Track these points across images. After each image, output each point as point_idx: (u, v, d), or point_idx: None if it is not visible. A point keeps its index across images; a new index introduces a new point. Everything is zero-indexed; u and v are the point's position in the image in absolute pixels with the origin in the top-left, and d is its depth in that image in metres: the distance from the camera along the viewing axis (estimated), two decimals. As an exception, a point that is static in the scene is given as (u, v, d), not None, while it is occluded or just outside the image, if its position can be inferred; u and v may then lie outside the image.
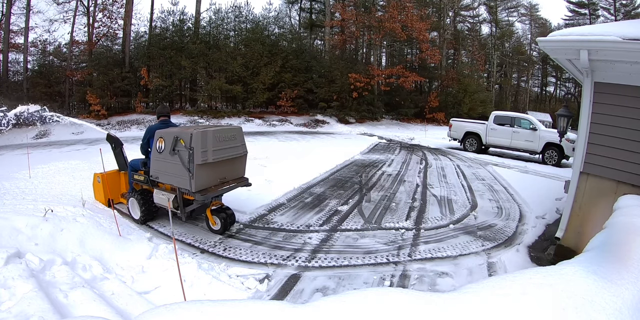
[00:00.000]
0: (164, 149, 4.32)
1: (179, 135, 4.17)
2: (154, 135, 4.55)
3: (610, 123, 3.80)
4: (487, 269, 4.12)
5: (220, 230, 4.82)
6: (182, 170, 4.17)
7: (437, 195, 7.00)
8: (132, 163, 5.24)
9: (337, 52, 24.56)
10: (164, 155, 4.33)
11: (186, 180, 4.19)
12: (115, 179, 5.57)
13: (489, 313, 1.48)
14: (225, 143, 4.41)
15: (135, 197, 5.01)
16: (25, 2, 18.20)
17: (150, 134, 4.74)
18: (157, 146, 4.40)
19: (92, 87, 17.86)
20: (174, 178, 4.34)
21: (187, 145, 4.07)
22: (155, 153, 4.47)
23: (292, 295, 3.52)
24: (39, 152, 10.71)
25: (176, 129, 4.64)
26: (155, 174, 4.56)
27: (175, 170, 4.26)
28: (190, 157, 4.07)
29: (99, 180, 5.44)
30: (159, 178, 4.54)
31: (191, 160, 4.07)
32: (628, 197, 2.96)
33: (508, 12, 35.03)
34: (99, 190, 5.55)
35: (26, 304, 2.78)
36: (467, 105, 24.41)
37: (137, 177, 5.02)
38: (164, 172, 4.43)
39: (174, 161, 4.23)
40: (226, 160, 4.46)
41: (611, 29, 3.53)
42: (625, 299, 1.55)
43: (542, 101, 38.28)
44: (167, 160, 4.32)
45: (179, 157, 4.16)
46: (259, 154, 10.40)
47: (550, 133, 11.23)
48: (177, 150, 4.18)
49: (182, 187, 4.32)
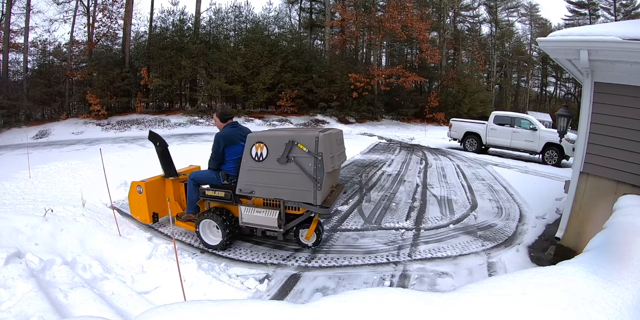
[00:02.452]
0: (267, 156, 3.65)
1: (295, 138, 3.55)
2: (234, 141, 4.01)
3: (610, 123, 3.79)
4: (487, 269, 4.12)
5: (314, 244, 4.37)
6: (302, 180, 3.58)
7: (437, 195, 7.00)
8: (197, 176, 4.27)
9: (337, 52, 24.58)
10: (267, 164, 3.66)
11: (307, 192, 3.60)
12: (159, 187, 4.62)
13: (489, 313, 1.48)
14: (337, 147, 3.97)
15: (214, 219, 4.10)
16: (25, 2, 18.21)
17: (227, 141, 4.02)
18: (254, 153, 3.71)
19: (92, 87, 17.88)
20: (283, 191, 3.70)
21: (311, 150, 3.49)
22: (249, 162, 3.75)
23: (292, 295, 3.52)
24: (39, 152, 10.71)
25: (285, 131, 4.00)
26: (247, 187, 3.80)
27: (288, 182, 3.64)
28: (319, 164, 3.50)
29: (141, 191, 4.43)
30: (255, 192, 3.79)
31: (319, 169, 3.50)
32: (628, 197, 2.96)
33: (508, 12, 35.07)
34: (139, 203, 4.54)
35: (26, 304, 2.78)
36: (467, 105, 24.42)
37: (212, 193, 4.11)
38: (264, 184, 3.74)
39: (286, 170, 3.61)
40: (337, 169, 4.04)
41: (611, 29, 3.53)
42: (626, 299, 1.55)
43: (542, 101, 38.30)
44: (271, 170, 3.66)
45: (296, 164, 3.55)
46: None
47: (550, 133, 11.23)
48: (294, 157, 3.56)
49: (297, 200, 3.71)
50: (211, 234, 4.31)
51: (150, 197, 4.46)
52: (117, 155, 9.71)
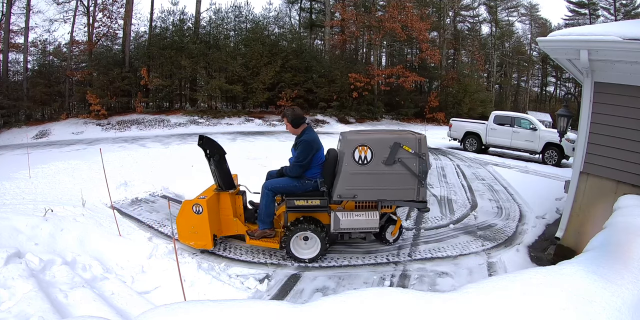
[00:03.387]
0: (372, 159, 3.73)
1: (400, 141, 3.70)
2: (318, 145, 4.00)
3: (610, 123, 3.79)
4: (487, 268, 4.12)
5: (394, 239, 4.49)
6: (407, 180, 3.73)
7: (437, 195, 7.00)
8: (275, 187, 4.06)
9: (337, 52, 24.56)
10: (371, 167, 3.73)
11: (411, 191, 3.77)
12: (215, 204, 4.13)
13: (489, 313, 1.48)
14: None
15: (312, 230, 3.93)
16: (25, 2, 18.20)
17: (317, 146, 3.99)
18: (358, 157, 3.73)
19: (92, 87, 17.86)
20: (387, 192, 3.82)
21: (416, 151, 3.68)
22: (352, 166, 3.75)
23: (292, 295, 3.52)
24: (39, 152, 10.71)
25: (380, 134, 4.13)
26: (348, 192, 3.81)
27: (392, 182, 3.76)
28: (423, 163, 3.70)
29: (200, 211, 3.83)
30: (358, 196, 3.83)
31: (423, 167, 3.71)
32: (628, 197, 2.96)
33: (508, 12, 35.03)
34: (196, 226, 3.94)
35: (26, 304, 2.78)
36: (467, 105, 24.39)
37: (305, 203, 3.94)
38: (367, 187, 3.80)
39: (391, 171, 3.73)
40: None
41: (611, 29, 3.53)
42: (625, 299, 1.55)
43: (542, 101, 38.28)
44: (376, 172, 3.74)
45: (403, 165, 3.70)
46: (259, 154, 10.39)
47: (550, 133, 11.22)
48: (400, 159, 3.70)
49: (400, 199, 3.87)
50: (299, 247, 4.08)
51: (212, 215, 3.98)
52: (117, 155, 9.71)
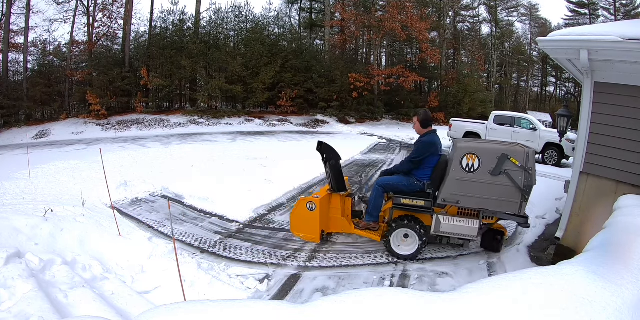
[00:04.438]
0: (479, 168, 3.81)
1: (508, 153, 3.74)
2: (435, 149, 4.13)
3: (610, 123, 3.79)
4: (487, 269, 4.12)
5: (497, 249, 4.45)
6: (511, 193, 3.77)
7: (437, 195, 6.99)
8: (386, 183, 4.27)
9: (337, 52, 24.57)
10: (478, 176, 3.82)
11: (514, 204, 3.81)
12: (326, 203, 4.56)
13: (489, 313, 1.48)
14: None
15: (411, 228, 4.16)
16: (25, 2, 18.21)
17: (433, 150, 4.13)
18: (466, 164, 3.85)
19: (92, 87, 17.86)
20: (490, 202, 3.87)
21: (523, 164, 3.70)
22: (459, 172, 3.88)
23: (292, 295, 3.52)
24: (39, 152, 10.71)
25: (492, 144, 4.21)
26: (453, 197, 3.94)
27: (497, 193, 3.82)
28: (528, 178, 3.72)
29: (313, 208, 4.31)
30: (461, 202, 3.95)
31: (528, 182, 3.73)
32: (628, 197, 2.96)
33: (508, 12, 35.05)
34: (308, 221, 4.44)
35: (26, 304, 2.78)
36: (467, 105, 24.40)
37: (410, 202, 4.15)
38: (472, 195, 3.89)
39: (496, 182, 3.78)
40: None
41: (611, 29, 3.53)
42: (625, 299, 1.55)
43: (542, 101, 38.28)
44: (481, 181, 3.82)
45: (508, 178, 3.74)
46: (259, 154, 10.40)
47: (550, 133, 11.22)
48: (506, 170, 3.74)
49: (502, 211, 3.91)
50: (399, 243, 4.28)
51: (322, 214, 4.39)
52: (117, 155, 9.72)
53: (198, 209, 5.88)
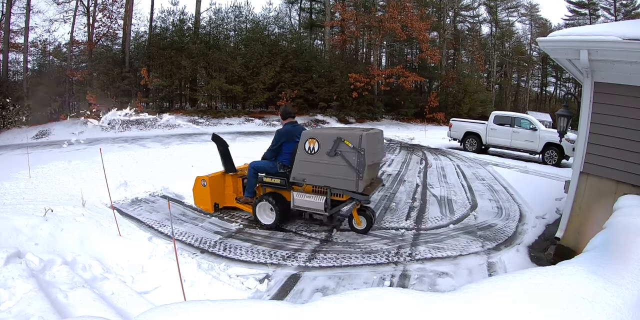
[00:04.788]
0: (318, 150, 4.29)
1: (342, 136, 4.17)
2: (291, 137, 4.71)
3: (610, 123, 3.79)
4: (487, 269, 4.12)
5: (365, 230, 4.87)
6: (347, 172, 4.18)
7: (437, 195, 7.00)
8: (257, 165, 4.99)
9: (337, 52, 24.58)
10: (318, 157, 4.29)
11: (350, 182, 4.20)
12: (219, 182, 5.33)
13: (489, 313, 1.48)
14: (378, 145, 4.64)
15: (269, 201, 4.78)
16: (25, 2, 18.20)
17: (286, 137, 4.77)
18: (308, 147, 4.36)
19: (92, 87, 17.87)
20: (330, 180, 4.32)
21: (355, 146, 4.09)
22: (302, 155, 4.40)
23: (292, 295, 3.52)
24: (39, 152, 10.71)
25: (334, 130, 4.56)
26: (300, 176, 4.46)
27: (334, 172, 4.25)
28: (361, 158, 4.10)
29: (205, 184, 5.14)
30: (306, 180, 4.45)
31: (361, 162, 4.10)
32: (628, 197, 2.96)
33: (508, 12, 35.04)
34: (203, 195, 5.24)
35: (26, 304, 2.78)
36: (467, 105, 24.42)
37: (270, 180, 4.83)
38: (314, 174, 4.38)
39: (334, 162, 4.22)
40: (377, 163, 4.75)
41: (611, 29, 3.53)
42: (625, 299, 1.55)
43: (542, 101, 38.28)
44: (321, 162, 4.29)
45: (342, 158, 4.17)
46: (259, 154, 10.39)
47: (550, 133, 11.23)
48: (340, 152, 4.17)
49: (341, 188, 4.31)
50: (265, 215, 4.98)
51: (213, 189, 5.17)
52: (117, 155, 9.71)
53: (198, 209, 5.88)
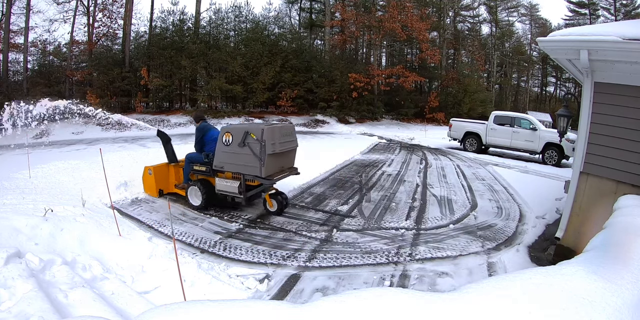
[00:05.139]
0: (232, 142, 4.96)
1: (249, 130, 4.83)
2: (208, 131, 5.54)
3: (610, 123, 3.79)
4: (487, 269, 4.12)
5: (277, 211, 5.51)
6: (253, 160, 4.83)
7: (437, 195, 7.00)
8: (191, 156, 5.78)
9: (337, 52, 24.57)
10: (232, 148, 4.97)
11: (256, 168, 4.84)
12: (164, 171, 6.10)
13: (489, 313, 1.48)
14: (285, 137, 5.21)
15: (197, 186, 5.51)
16: (25, 2, 18.19)
17: (203, 132, 5.64)
18: (225, 140, 5.05)
19: (92, 87, 17.87)
20: (242, 167, 4.98)
21: (258, 138, 4.73)
22: (220, 146, 5.11)
23: (292, 295, 3.52)
24: (39, 152, 10.70)
25: (244, 124, 5.40)
26: (220, 164, 5.19)
27: (245, 160, 4.90)
28: (262, 148, 4.71)
29: (150, 173, 5.90)
30: (224, 168, 5.16)
31: (263, 151, 4.73)
32: (628, 197, 2.96)
33: (508, 12, 35.05)
34: (149, 183, 5.99)
35: (26, 304, 2.78)
36: (467, 105, 24.41)
37: (198, 168, 5.60)
38: (231, 163, 5.08)
39: (244, 152, 4.87)
40: (285, 152, 5.25)
41: (611, 29, 3.53)
42: (625, 299, 1.55)
43: (542, 101, 38.29)
44: (234, 152, 4.97)
45: (249, 148, 4.81)
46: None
47: (550, 133, 11.23)
48: (247, 143, 4.82)
49: (250, 174, 4.95)
50: (196, 198, 5.63)
51: (157, 177, 5.89)
52: (117, 155, 9.70)
53: (198, 209, 5.87)
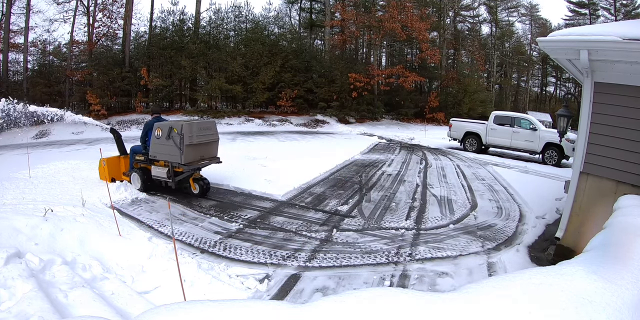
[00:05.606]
0: (161, 136, 5.92)
1: (172, 125, 5.82)
2: (152, 127, 6.16)
3: (610, 123, 3.79)
4: (487, 269, 4.12)
5: (199, 194, 6.42)
6: (175, 150, 5.77)
7: (437, 195, 7.00)
8: (133, 148, 6.71)
9: (337, 52, 24.56)
10: (161, 140, 5.94)
11: (178, 156, 5.79)
12: (116, 162, 7.03)
13: (489, 313, 1.48)
14: (204, 131, 6.10)
15: (137, 173, 6.53)
16: (25, 2, 18.20)
17: (148, 127, 6.40)
18: (156, 134, 5.99)
19: (92, 87, 17.86)
20: (168, 156, 5.93)
21: (179, 132, 5.68)
22: (154, 139, 6.06)
23: (292, 295, 3.52)
24: (39, 152, 10.72)
25: (170, 121, 6.24)
26: (153, 154, 6.17)
27: (170, 150, 5.86)
28: (181, 140, 5.66)
29: (104, 164, 6.80)
30: (157, 157, 6.15)
31: (182, 142, 5.67)
32: (628, 197, 2.96)
33: (508, 12, 35.03)
34: (103, 172, 6.85)
35: (26, 304, 2.78)
36: (467, 105, 24.39)
37: (138, 158, 6.56)
38: (161, 153, 6.05)
39: (169, 144, 5.83)
40: (204, 144, 6.13)
41: (611, 29, 3.53)
42: (625, 299, 1.55)
43: (542, 101, 38.27)
44: (163, 144, 5.93)
45: (172, 140, 5.77)
46: (259, 154, 10.40)
47: (550, 133, 11.22)
48: (171, 136, 5.77)
49: (174, 161, 5.88)
50: (137, 182, 6.58)
51: (109, 168, 6.82)
52: (117, 155, 9.69)
53: (198, 209, 5.88)
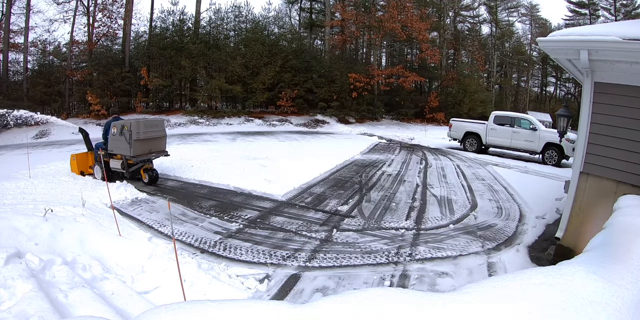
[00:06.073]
0: (116, 133, 6.88)
1: (124, 123, 6.83)
2: (110, 126, 7.07)
3: (610, 123, 3.79)
4: (487, 269, 4.12)
5: (148, 182, 7.21)
6: (126, 144, 6.73)
7: (437, 195, 7.00)
8: (97, 144, 7.60)
9: (337, 52, 24.56)
10: (116, 137, 6.90)
11: (128, 150, 6.73)
12: (84, 157, 7.85)
13: (489, 313, 1.49)
14: (152, 128, 7.08)
15: (99, 165, 7.26)
16: (25, 2, 18.20)
17: (108, 126, 7.28)
18: (112, 131, 6.97)
19: (92, 87, 17.85)
20: (122, 150, 6.89)
21: (129, 129, 6.67)
22: (111, 136, 7.03)
23: (292, 295, 3.52)
24: (39, 152, 10.72)
25: (124, 120, 7.21)
26: (111, 148, 7.13)
27: (123, 145, 6.82)
28: (130, 135, 6.64)
29: (74, 159, 7.70)
30: (114, 151, 7.10)
31: (130, 137, 6.66)
32: (628, 197, 2.96)
33: (508, 12, 35.03)
34: (74, 166, 7.71)
35: (26, 304, 2.78)
36: (467, 105, 24.38)
37: (100, 153, 7.25)
38: (117, 147, 6.99)
39: (122, 139, 6.80)
40: (152, 139, 7.11)
41: (611, 29, 3.53)
42: (625, 299, 1.55)
43: (542, 101, 38.26)
44: (118, 140, 6.89)
45: (124, 136, 6.74)
46: (259, 154, 10.40)
47: (550, 133, 11.22)
48: (123, 133, 6.74)
49: (126, 154, 6.84)
50: (100, 172, 7.27)
51: (79, 162, 7.66)
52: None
53: (198, 209, 5.88)
